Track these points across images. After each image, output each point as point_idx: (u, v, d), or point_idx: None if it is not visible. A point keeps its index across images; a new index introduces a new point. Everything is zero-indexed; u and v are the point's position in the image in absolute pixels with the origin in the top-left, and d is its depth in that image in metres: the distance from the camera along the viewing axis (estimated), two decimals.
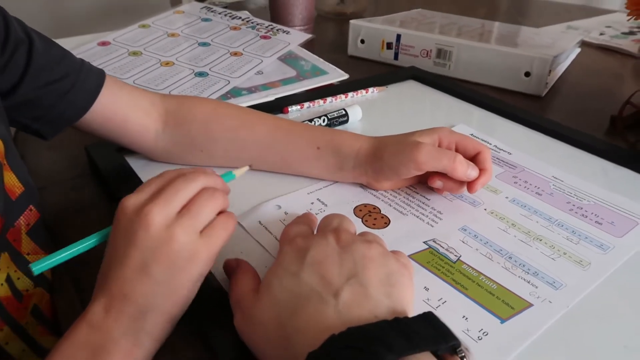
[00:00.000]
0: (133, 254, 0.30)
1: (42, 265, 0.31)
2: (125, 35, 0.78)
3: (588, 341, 0.33)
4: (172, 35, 0.80)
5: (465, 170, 0.43)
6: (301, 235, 0.35)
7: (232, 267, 0.36)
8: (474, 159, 0.44)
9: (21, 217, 0.40)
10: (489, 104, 0.66)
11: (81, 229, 0.36)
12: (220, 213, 0.34)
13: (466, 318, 0.34)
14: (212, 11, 0.91)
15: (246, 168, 0.41)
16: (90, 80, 0.45)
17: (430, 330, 0.26)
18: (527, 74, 0.72)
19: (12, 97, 0.41)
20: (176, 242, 0.30)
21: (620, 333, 0.34)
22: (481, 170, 0.44)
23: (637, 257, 0.40)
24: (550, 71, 0.72)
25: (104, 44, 0.75)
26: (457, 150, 0.45)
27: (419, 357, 0.24)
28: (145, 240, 0.30)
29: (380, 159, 0.45)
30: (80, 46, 0.73)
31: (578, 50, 0.92)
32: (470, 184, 0.44)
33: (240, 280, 0.34)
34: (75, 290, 0.40)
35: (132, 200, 0.32)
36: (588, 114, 0.68)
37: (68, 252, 0.32)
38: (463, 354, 0.26)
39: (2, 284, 0.37)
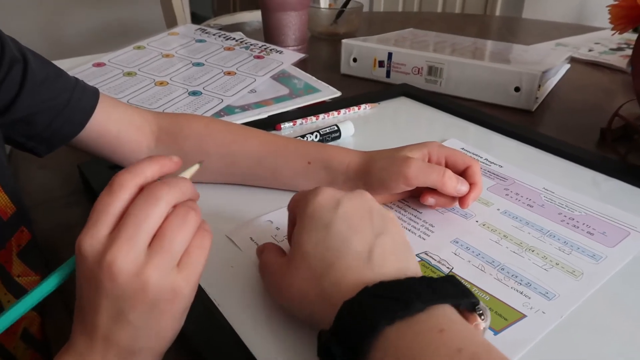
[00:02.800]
0: (104, 304, 0.27)
1: None
2: (120, 57, 0.79)
3: (581, 351, 0.33)
4: (167, 56, 0.81)
5: (454, 185, 0.43)
6: (325, 188, 0.34)
7: (260, 251, 0.37)
8: (463, 173, 0.45)
9: (12, 238, 0.40)
10: (480, 118, 0.67)
11: (73, 248, 0.36)
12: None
13: None
14: (206, 32, 0.92)
15: (196, 167, 0.35)
16: (85, 98, 0.46)
17: (453, 288, 0.28)
18: (517, 89, 0.73)
19: (7, 115, 0.41)
20: (152, 287, 0.27)
21: (613, 342, 0.34)
22: (471, 185, 0.44)
23: (629, 266, 0.40)
24: (539, 86, 0.72)
25: (99, 65, 0.76)
26: (446, 165, 0.45)
27: (443, 307, 0.26)
28: (115, 290, 0.27)
29: (370, 173, 0.45)
30: (75, 67, 0.74)
31: (567, 66, 0.94)
32: (461, 199, 0.44)
33: (267, 253, 0.35)
34: (67, 313, 0.39)
35: (89, 242, 0.27)
36: (578, 127, 0.69)
37: (26, 303, 0.28)
38: (481, 311, 0.28)
39: None
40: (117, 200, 0.28)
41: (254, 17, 1.36)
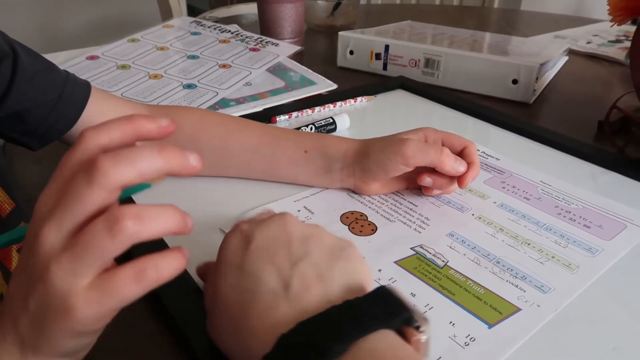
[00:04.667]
0: (21, 276, 0.24)
1: None
2: (114, 50, 0.78)
3: (576, 344, 0.33)
4: (162, 48, 0.80)
5: (453, 163, 0.43)
6: (245, 222, 0.31)
7: (202, 273, 0.35)
8: (460, 154, 0.45)
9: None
10: (477, 111, 0.66)
11: None
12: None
13: (453, 324, 0.34)
14: (201, 25, 0.91)
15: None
16: (76, 93, 0.45)
17: (380, 307, 0.25)
18: (515, 82, 0.72)
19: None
20: (50, 286, 0.22)
21: (608, 335, 0.34)
22: (469, 164, 0.44)
23: (626, 259, 0.40)
24: (537, 79, 0.72)
25: (92, 58, 0.75)
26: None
27: (375, 336, 0.23)
28: (27, 269, 0.23)
29: (367, 156, 0.45)
30: (69, 60, 0.73)
31: (566, 58, 0.93)
32: (460, 179, 0.44)
33: (205, 286, 0.33)
34: None
35: (39, 205, 0.24)
36: (576, 120, 0.68)
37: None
38: (418, 324, 0.25)
39: None
40: (71, 161, 0.23)
41: (250, 9, 1.35)
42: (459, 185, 0.44)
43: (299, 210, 0.45)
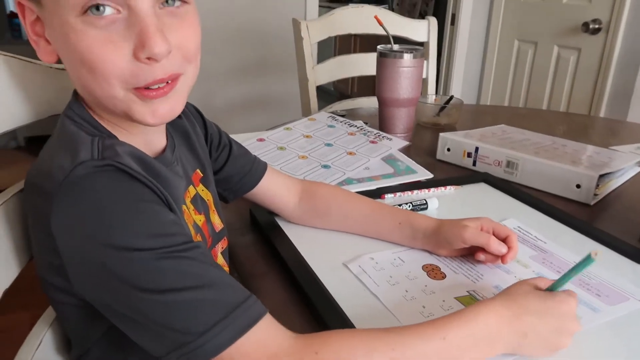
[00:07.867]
0: (544, 311, 0.51)
1: None
2: (274, 135, 1.10)
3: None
4: (307, 136, 1.11)
5: (497, 246, 0.64)
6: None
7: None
8: (504, 240, 0.65)
9: (219, 243, 0.67)
10: (540, 206, 0.85)
11: (247, 259, 0.63)
12: None
13: None
14: (335, 120, 1.21)
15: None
16: (258, 169, 0.74)
17: None
18: (578, 186, 0.90)
19: (218, 175, 0.71)
20: (571, 320, 0.52)
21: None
22: (509, 248, 0.64)
23: (618, 319, 0.57)
24: (598, 185, 0.89)
25: (260, 140, 1.07)
26: (492, 234, 0.66)
27: None
28: (550, 308, 0.52)
29: (440, 233, 0.68)
30: (245, 140, 1.06)
31: (638, 169, 1.08)
32: (502, 257, 0.64)
33: None
34: None
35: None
36: (627, 222, 0.84)
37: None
38: None
39: None
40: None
41: (371, 103, 1.66)
42: (502, 262, 0.65)
43: (394, 259, 0.69)
